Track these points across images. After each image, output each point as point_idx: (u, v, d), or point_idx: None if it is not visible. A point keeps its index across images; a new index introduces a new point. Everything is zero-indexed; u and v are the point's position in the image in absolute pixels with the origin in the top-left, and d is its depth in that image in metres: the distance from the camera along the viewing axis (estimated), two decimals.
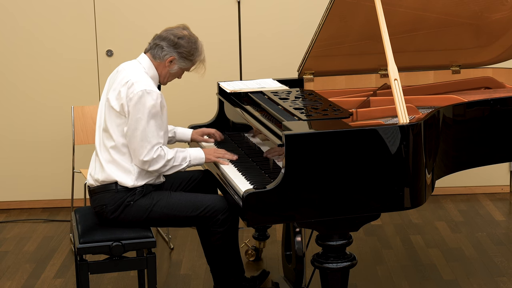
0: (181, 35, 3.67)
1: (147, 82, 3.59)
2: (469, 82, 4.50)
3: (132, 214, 3.62)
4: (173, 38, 3.66)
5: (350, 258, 3.42)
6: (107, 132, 3.64)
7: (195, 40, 3.70)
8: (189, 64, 3.71)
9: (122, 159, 3.62)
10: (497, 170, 5.60)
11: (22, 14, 5.32)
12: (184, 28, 3.72)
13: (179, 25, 3.74)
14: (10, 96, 5.42)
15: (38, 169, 5.51)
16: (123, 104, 3.56)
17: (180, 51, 3.66)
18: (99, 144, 3.69)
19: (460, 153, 3.71)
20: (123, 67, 3.70)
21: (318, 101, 3.82)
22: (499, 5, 4.15)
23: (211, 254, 3.81)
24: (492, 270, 4.34)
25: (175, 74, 3.74)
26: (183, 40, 3.66)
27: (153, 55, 3.68)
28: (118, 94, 3.59)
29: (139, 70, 3.65)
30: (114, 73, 3.74)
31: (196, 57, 3.70)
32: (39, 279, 4.41)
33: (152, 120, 3.54)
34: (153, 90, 3.56)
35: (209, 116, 4.56)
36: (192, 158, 3.68)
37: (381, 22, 3.54)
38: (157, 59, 3.68)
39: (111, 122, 3.62)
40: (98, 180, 3.65)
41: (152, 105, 3.53)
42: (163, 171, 3.62)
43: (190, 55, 3.68)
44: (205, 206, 3.63)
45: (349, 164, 3.23)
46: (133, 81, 3.57)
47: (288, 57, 5.28)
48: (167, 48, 3.65)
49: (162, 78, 3.73)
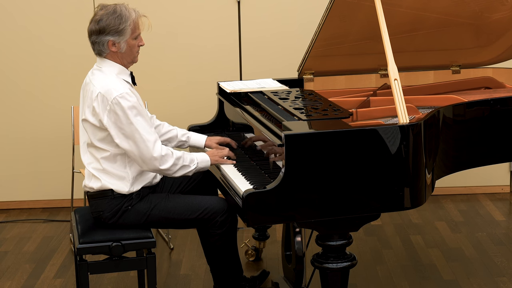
0: (99, 18, 3.47)
1: (114, 86, 3.47)
2: (469, 82, 4.50)
3: (130, 219, 3.60)
4: (95, 27, 3.48)
5: (350, 258, 3.42)
6: (94, 146, 3.57)
7: (113, 10, 3.48)
8: (127, 33, 3.49)
9: (114, 167, 3.56)
10: (497, 170, 5.60)
11: (22, 13, 5.31)
12: (101, 8, 3.50)
13: (95, 9, 3.54)
14: (10, 95, 5.42)
15: (38, 169, 5.50)
16: (101, 119, 3.47)
17: (108, 31, 3.46)
18: (87, 158, 3.62)
19: (460, 153, 3.71)
20: (89, 79, 3.58)
21: (318, 101, 3.81)
22: (499, 5, 4.15)
23: (210, 255, 3.80)
24: (492, 270, 4.33)
25: (130, 49, 3.54)
26: (102, 21, 3.46)
27: (99, 53, 3.54)
28: (93, 110, 3.50)
29: (102, 78, 3.52)
30: (83, 85, 3.62)
31: (126, 23, 3.48)
32: (39, 279, 4.40)
33: (138, 117, 3.47)
34: (123, 91, 3.45)
35: (209, 116, 4.55)
36: (199, 160, 3.63)
37: (381, 22, 3.54)
38: (104, 54, 3.53)
39: (95, 137, 3.54)
40: (93, 189, 3.61)
41: (130, 105, 3.45)
42: (174, 170, 3.55)
43: (120, 27, 3.47)
44: (203, 208, 3.60)
45: (349, 164, 3.23)
46: (102, 92, 3.46)
47: (288, 57, 5.27)
48: (98, 39, 3.50)
49: (126, 63, 3.57)
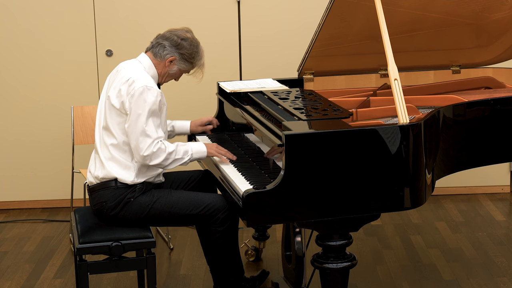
0: (184, 37, 3.69)
1: (148, 79, 3.61)
2: (469, 82, 4.49)
3: (132, 211, 3.62)
4: (176, 39, 3.68)
5: (350, 258, 3.42)
6: (107, 130, 3.64)
7: (197, 43, 3.73)
8: (188, 67, 3.73)
9: (122, 157, 3.62)
10: (497, 170, 5.60)
11: (21, 14, 5.31)
12: (188, 31, 3.74)
13: (183, 28, 3.76)
14: (10, 96, 5.41)
15: (37, 169, 5.50)
16: (123, 102, 3.57)
17: (182, 52, 3.68)
18: (99, 142, 3.69)
19: (460, 153, 3.70)
20: (123, 66, 3.71)
21: (318, 101, 3.81)
22: (499, 5, 4.15)
23: (210, 253, 3.81)
24: (493, 270, 4.33)
25: (173, 75, 3.75)
26: (186, 42, 3.68)
27: (154, 53, 3.70)
28: (118, 92, 3.60)
29: (139, 69, 3.66)
30: (114, 72, 3.74)
31: (196, 61, 3.72)
32: (39, 279, 4.40)
33: (151, 116, 3.55)
34: (153, 87, 3.58)
35: (209, 116, 4.54)
36: (194, 151, 3.69)
37: (381, 22, 3.54)
38: (158, 58, 3.69)
39: (112, 120, 3.62)
40: (98, 177, 3.65)
41: (152, 101, 3.54)
42: (165, 165, 3.61)
43: (191, 58, 3.70)
44: (205, 204, 3.63)
45: (349, 164, 3.23)
46: (134, 79, 3.58)
47: (288, 57, 5.27)
48: (169, 47, 3.67)
49: (160, 78, 3.74)
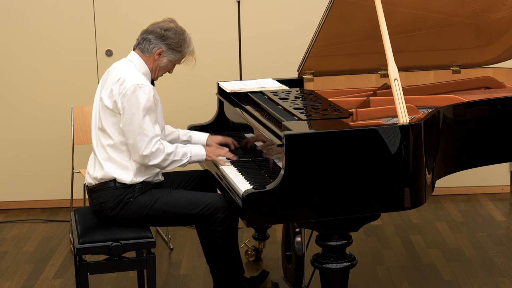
0: (168, 27, 3.67)
1: (139, 77, 3.60)
2: (469, 82, 4.49)
3: (132, 211, 3.62)
4: (159, 31, 3.66)
5: (350, 258, 3.41)
6: (103, 131, 3.64)
7: (182, 31, 3.70)
8: (178, 56, 3.71)
9: (120, 157, 3.62)
10: (497, 170, 5.59)
11: (21, 14, 5.31)
12: (171, 21, 3.72)
13: (166, 19, 3.74)
14: (10, 96, 5.41)
15: (37, 169, 5.50)
16: (116, 101, 3.57)
17: (168, 42, 3.66)
18: (96, 143, 3.69)
19: (460, 153, 3.70)
20: (114, 67, 3.71)
21: (318, 101, 3.81)
22: (499, 5, 4.15)
23: (210, 253, 3.80)
24: (493, 270, 4.33)
25: (165, 68, 3.73)
26: (170, 31, 3.66)
27: (142, 49, 3.69)
28: (110, 92, 3.60)
29: (129, 67, 3.65)
30: (105, 73, 3.74)
31: (184, 48, 3.70)
32: (39, 279, 4.40)
33: (148, 114, 3.55)
34: (145, 84, 3.57)
35: (209, 116, 4.55)
36: (193, 154, 3.68)
37: (381, 22, 3.54)
38: (146, 53, 3.68)
39: (107, 121, 3.62)
40: (97, 178, 3.65)
41: (146, 98, 3.54)
42: (163, 166, 3.61)
43: (178, 46, 3.67)
44: (205, 204, 3.63)
45: (349, 164, 3.22)
46: (124, 78, 3.58)
47: (288, 57, 5.27)
48: (154, 40, 3.66)
49: (153, 73, 3.72)
